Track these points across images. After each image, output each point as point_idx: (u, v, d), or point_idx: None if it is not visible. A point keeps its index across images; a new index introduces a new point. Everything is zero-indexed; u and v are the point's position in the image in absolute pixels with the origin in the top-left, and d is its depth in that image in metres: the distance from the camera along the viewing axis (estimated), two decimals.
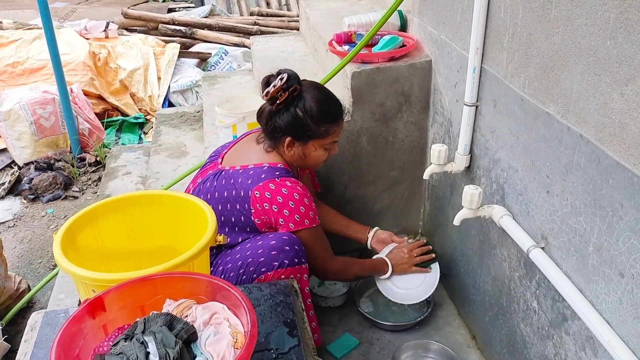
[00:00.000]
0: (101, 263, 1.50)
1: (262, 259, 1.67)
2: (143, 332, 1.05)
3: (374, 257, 2.10)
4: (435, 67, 2.07)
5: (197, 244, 1.31)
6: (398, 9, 2.12)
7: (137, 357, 1.00)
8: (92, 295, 1.20)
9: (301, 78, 1.76)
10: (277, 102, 1.70)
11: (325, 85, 1.86)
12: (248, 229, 1.76)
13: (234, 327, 1.10)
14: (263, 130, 1.81)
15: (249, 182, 1.72)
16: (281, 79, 1.68)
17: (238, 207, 1.73)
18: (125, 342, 1.05)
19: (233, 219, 1.76)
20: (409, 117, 2.19)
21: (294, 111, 1.72)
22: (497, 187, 1.67)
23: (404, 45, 2.14)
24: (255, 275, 1.68)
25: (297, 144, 1.77)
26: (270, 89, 1.69)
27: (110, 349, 1.06)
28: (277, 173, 1.73)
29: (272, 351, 1.28)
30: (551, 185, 1.38)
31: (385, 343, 2.05)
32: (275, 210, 1.70)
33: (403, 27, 2.33)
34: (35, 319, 1.43)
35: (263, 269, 1.67)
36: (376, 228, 2.18)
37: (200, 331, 1.10)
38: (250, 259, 1.68)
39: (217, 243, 1.39)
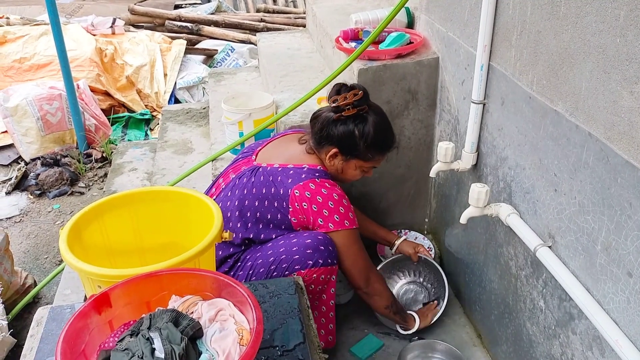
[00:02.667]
0: (107, 259, 1.50)
1: (297, 256, 1.68)
2: (149, 328, 1.05)
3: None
4: (443, 65, 2.06)
5: (203, 240, 1.31)
6: (405, 5, 2.11)
7: (143, 353, 1.00)
8: (97, 291, 1.20)
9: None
10: (342, 113, 1.71)
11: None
12: (283, 227, 1.77)
13: (240, 323, 1.10)
14: (312, 132, 1.81)
15: (289, 181, 1.72)
16: (355, 94, 1.69)
17: (276, 204, 1.74)
18: (130, 338, 1.05)
19: (269, 216, 1.76)
20: (415, 114, 2.19)
21: (352, 128, 1.73)
22: (504, 185, 1.67)
23: (411, 43, 2.13)
24: (287, 273, 1.68)
25: (340, 158, 1.78)
26: (340, 99, 1.69)
27: (116, 344, 1.06)
28: (317, 174, 1.74)
29: (277, 348, 1.28)
30: (559, 184, 1.37)
31: (391, 341, 2.05)
32: (315, 209, 1.70)
33: (410, 24, 2.32)
34: (41, 314, 1.43)
35: (297, 267, 1.68)
36: (403, 238, 2.19)
37: (206, 328, 1.10)
38: (283, 256, 1.69)
39: (223, 239, 1.39)
